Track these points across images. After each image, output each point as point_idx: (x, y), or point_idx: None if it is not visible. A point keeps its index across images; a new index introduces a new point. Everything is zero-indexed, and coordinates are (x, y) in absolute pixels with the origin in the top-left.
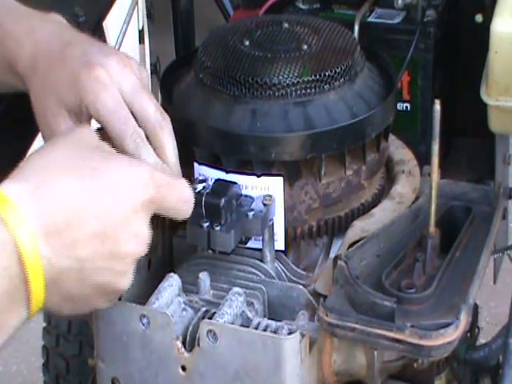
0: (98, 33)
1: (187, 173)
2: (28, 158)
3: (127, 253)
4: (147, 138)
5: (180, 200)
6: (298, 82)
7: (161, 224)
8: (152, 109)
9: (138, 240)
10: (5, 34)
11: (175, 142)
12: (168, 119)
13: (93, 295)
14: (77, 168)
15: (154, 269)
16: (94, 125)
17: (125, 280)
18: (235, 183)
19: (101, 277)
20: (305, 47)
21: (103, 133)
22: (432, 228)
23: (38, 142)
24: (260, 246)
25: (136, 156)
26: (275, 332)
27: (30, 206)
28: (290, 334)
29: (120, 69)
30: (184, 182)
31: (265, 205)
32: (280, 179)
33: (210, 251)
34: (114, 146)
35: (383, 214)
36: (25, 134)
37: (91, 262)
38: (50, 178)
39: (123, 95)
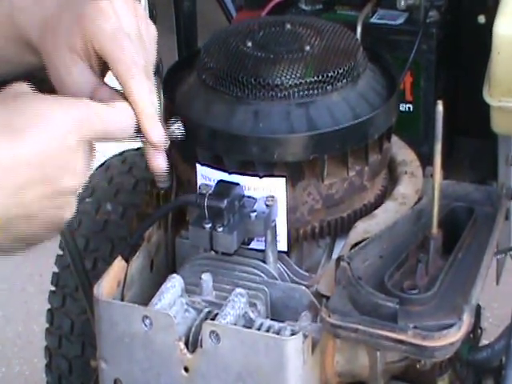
0: None
1: (190, 174)
2: None
3: (67, 188)
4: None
5: (120, 125)
6: (301, 82)
7: (163, 225)
8: (128, 57)
9: (75, 174)
10: (15, 8)
11: (152, 94)
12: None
13: (41, 231)
14: (3, 121)
15: (156, 270)
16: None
17: (68, 211)
18: (238, 184)
19: (46, 215)
20: (307, 48)
21: None
22: (435, 229)
23: None
24: (262, 247)
25: (127, 85)
26: (278, 333)
27: None
28: (292, 334)
29: (125, 7)
30: (120, 106)
31: (267, 206)
32: (282, 180)
33: (213, 252)
34: None
35: (386, 215)
36: None
37: (36, 204)
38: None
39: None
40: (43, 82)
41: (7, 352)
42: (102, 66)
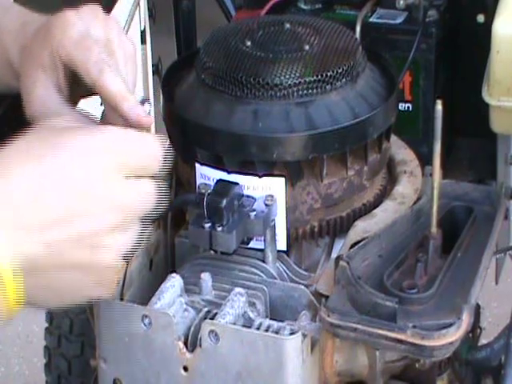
0: None
1: (189, 173)
2: None
3: (101, 225)
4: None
5: (149, 156)
6: (300, 82)
7: (163, 224)
8: (93, 58)
9: (112, 209)
10: (2, 31)
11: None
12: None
13: (77, 280)
14: (37, 150)
15: (155, 269)
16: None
17: (105, 256)
18: (237, 184)
19: (76, 256)
20: (306, 47)
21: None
22: (434, 228)
23: None
24: (262, 247)
25: (99, 82)
26: (277, 332)
27: None
28: (291, 334)
29: (91, 18)
30: (152, 137)
31: (267, 205)
32: (282, 179)
33: (212, 252)
34: None
35: (385, 215)
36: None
37: (60, 244)
38: (8, 167)
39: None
40: None
41: (7, 351)
42: (72, 89)
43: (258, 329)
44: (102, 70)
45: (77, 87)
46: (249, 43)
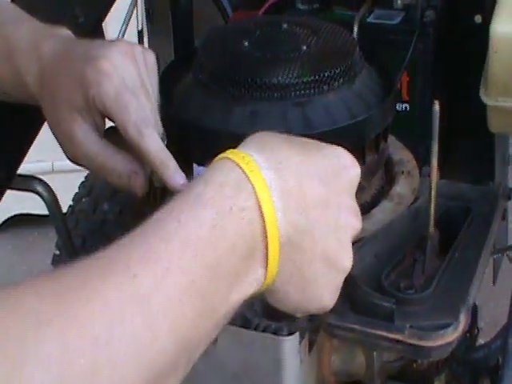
0: (98, 33)
1: (187, 174)
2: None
3: (346, 223)
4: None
5: None
6: (297, 82)
7: None
8: (132, 116)
9: (353, 213)
10: (11, 48)
11: (159, 146)
12: (151, 128)
13: (321, 273)
14: (300, 148)
15: None
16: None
17: (347, 256)
18: None
19: (328, 244)
20: (304, 48)
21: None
22: (431, 228)
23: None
24: None
25: (140, 145)
26: (275, 333)
27: (269, 173)
28: (289, 334)
29: (122, 58)
30: None
31: None
32: None
33: None
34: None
35: (382, 215)
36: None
37: (321, 223)
38: (281, 155)
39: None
40: None
41: None
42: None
43: (255, 329)
44: (141, 132)
45: None
46: (246, 43)
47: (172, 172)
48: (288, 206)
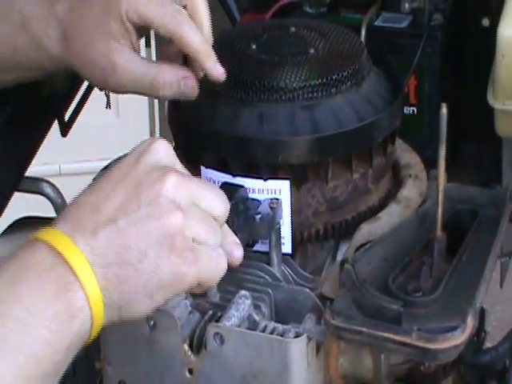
0: None
1: (194, 176)
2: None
3: (169, 232)
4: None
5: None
6: (305, 85)
7: None
8: None
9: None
10: (26, 19)
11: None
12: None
13: (155, 257)
14: (126, 206)
15: None
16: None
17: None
18: (242, 186)
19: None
20: (312, 51)
21: None
22: (439, 232)
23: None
24: (267, 250)
25: (182, 37)
26: (282, 335)
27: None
28: (296, 337)
29: None
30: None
31: (272, 208)
32: (287, 182)
33: None
34: None
35: (390, 218)
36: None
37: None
38: (101, 221)
39: None
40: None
41: None
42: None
43: (262, 331)
44: (181, 22)
45: None
46: (254, 46)
47: (215, 61)
48: (107, 271)
